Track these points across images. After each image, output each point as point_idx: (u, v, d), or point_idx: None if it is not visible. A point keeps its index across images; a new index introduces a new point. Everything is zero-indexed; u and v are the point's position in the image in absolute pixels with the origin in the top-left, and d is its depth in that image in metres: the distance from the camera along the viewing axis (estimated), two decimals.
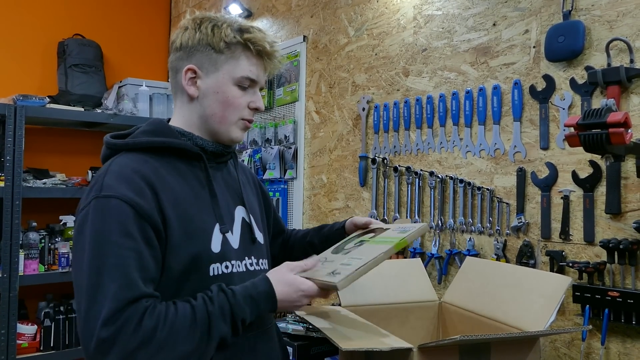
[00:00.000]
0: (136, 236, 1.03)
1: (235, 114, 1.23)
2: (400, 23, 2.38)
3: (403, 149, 2.34)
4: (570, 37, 1.73)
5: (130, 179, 1.08)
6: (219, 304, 1.06)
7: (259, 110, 1.28)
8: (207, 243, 1.16)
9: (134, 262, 1.01)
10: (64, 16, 3.66)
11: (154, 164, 1.15)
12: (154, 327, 0.98)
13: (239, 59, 1.21)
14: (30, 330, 2.97)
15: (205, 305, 1.05)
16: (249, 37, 1.21)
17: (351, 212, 2.58)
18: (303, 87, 2.93)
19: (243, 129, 1.27)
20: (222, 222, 1.20)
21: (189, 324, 1.02)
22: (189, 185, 1.18)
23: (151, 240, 1.06)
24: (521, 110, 1.91)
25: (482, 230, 2.01)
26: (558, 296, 1.41)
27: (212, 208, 1.20)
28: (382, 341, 1.25)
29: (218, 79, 1.21)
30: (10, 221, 2.83)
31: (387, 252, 1.20)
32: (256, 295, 1.11)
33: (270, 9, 3.21)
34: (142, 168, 1.12)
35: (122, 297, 0.98)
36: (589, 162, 1.70)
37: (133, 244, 1.02)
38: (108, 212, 1.04)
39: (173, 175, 1.17)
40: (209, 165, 1.24)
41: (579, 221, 1.73)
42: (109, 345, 0.95)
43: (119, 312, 0.97)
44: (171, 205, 1.11)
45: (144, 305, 1.00)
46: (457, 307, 1.73)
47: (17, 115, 2.89)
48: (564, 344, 1.75)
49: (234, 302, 1.08)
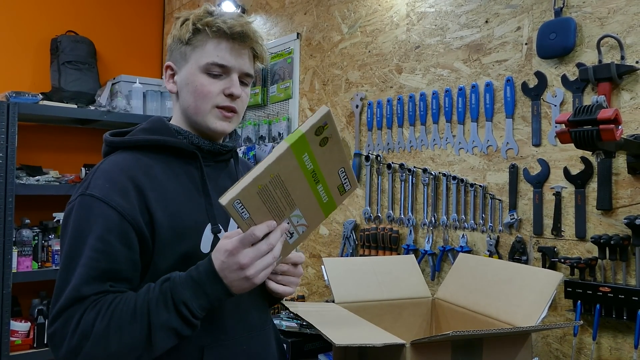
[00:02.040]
0: (112, 239, 1.04)
1: (207, 103, 1.18)
2: (393, 20, 2.38)
3: (396, 146, 2.34)
4: (561, 34, 1.74)
5: (116, 179, 1.09)
6: (160, 291, 1.01)
7: (234, 96, 1.19)
8: (197, 243, 1.14)
9: (100, 265, 1.02)
10: (57, 13, 3.64)
11: (148, 162, 1.15)
12: (94, 319, 0.99)
13: (205, 46, 1.18)
14: (23, 327, 2.96)
15: (147, 293, 1.01)
16: (206, 21, 1.18)
17: (345, 208, 2.59)
18: (297, 85, 2.93)
19: (221, 118, 1.20)
20: (214, 222, 1.17)
21: (130, 312, 0.99)
22: (182, 184, 1.17)
23: (130, 242, 1.06)
24: (513, 107, 1.92)
25: (475, 226, 2.02)
26: (550, 292, 1.43)
27: (205, 207, 1.18)
28: (376, 337, 1.26)
29: (188, 70, 1.20)
30: (3, 218, 2.82)
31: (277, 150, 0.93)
32: (196, 276, 1.00)
33: (264, 6, 3.21)
34: (131, 167, 1.12)
35: (71, 295, 1.00)
36: (581, 159, 1.71)
37: (105, 247, 1.03)
38: (89, 211, 1.06)
39: (167, 174, 1.16)
40: (206, 164, 1.22)
41: (570, 217, 1.74)
42: (57, 341, 0.99)
43: (64, 309, 1.00)
44: (160, 205, 1.10)
45: (90, 300, 1.01)
46: (450, 303, 1.74)
47: (10, 112, 2.88)
48: (555, 339, 1.77)
49: (172, 286, 1.00)
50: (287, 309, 1.52)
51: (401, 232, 2.30)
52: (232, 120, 1.22)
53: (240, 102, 1.22)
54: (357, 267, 1.84)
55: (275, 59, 3.06)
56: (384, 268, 1.86)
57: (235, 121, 1.24)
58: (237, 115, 1.23)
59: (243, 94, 1.23)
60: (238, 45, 1.19)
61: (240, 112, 1.24)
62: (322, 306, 1.63)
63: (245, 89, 1.24)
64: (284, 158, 0.93)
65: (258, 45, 1.23)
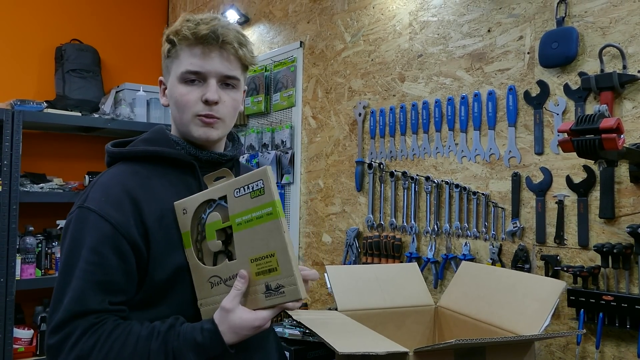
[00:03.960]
0: (105, 251, 1.06)
1: (188, 112, 1.17)
2: (396, 29, 2.40)
3: (399, 154, 2.35)
4: (563, 44, 1.75)
5: (112, 192, 1.11)
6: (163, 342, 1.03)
7: (210, 102, 1.16)
8: None
9: (94, 277, 1.04)
10: (61, 21, 3.67)
11: (146, 174, 1.17)
12: (92, 347, 1.01)
13: (180, 56, 1.19)
14: (26, 334, 2.97)
15: (149, 340, 1.03)
16: (176, 31, 1.18)
17: (347, 216, 2.59)
18: (300, 93, 2.94)
19: (202, 125, 1.17)
20: None
21: (129, 353, 1.02)
22: (179, 195, 1.17)
23: (124, 254, 1.07)
24: (516, 115, 1.92)
25: (478, 234, 2.03)
26: (553, 300, 1.43)
27: None
28: (379, 345, 1.27)
29: (170, 82, 1.21)
30: (7, 225, 2.83)
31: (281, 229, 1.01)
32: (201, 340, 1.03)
33: (267, 15, 3.23)
34: (128, 180, 1.14)
35: (70, 309, 1.02)
36: (583, 167, 1.71)
37: (99, 259, 1.05)
38: (85, 224, 1.08)
39: (164, 186, 1.17)
40: (204, 174, 1.22)
41: (573, 226, 1.74)
42: (53, 352, 1.02)
43: (64, 323, 1.02)
44: (155, 217, 1.11)
45: (90, 321, 1.02)
46: (453, 312, 1.74)
47: (14, 120, 2.90)
48: (559, 347, 1.76)
49: (175, 344, 1.02)
50: (290, 317, 1.52)
51: (404, 240, 2.30)
52: (216, 126, 1.19)
53: (222, 107, 1.19)
54: (360, 274, 1.84)
55: (278, 67, 3.07)
56: (386, 276, 1.86)
57: (220, 127, 1.20)
58: (220, 121, 1.19)
59: (226, 97, 1.19)
60: (209, 49, 1.16)
61: (225, 117, 1.20)
62: (325, 314, 1.63)
63: (230, 92, 1.20)
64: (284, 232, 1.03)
65: (231, 44, 1.17)
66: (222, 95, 1.18)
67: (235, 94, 1.21)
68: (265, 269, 1.02)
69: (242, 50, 1.19)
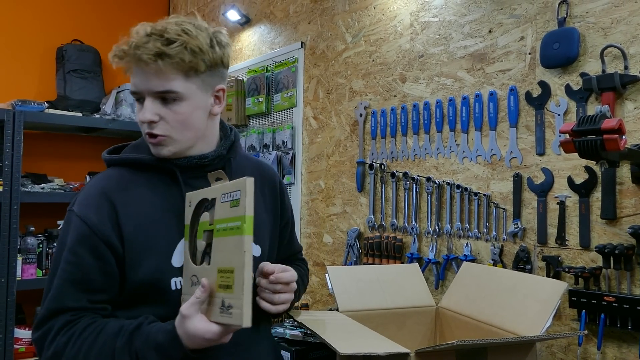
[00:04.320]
0: (82, 252, 1.10)
1: (142, 131, 1.17)
2: (397, 30, 2.40)
3: (400, 154, 2.35)
4: (565, 44, 1.75)
5: (93, 195, 1.15)
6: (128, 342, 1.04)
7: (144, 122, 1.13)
8: (168, 257, 1.15)
9: (72, 276, 1.09)
10: (62, 22, 3.67)
11: (132, 179, 1.18)
12: (65, 343, 1.06)
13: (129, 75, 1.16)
14: (27, 334, 2.96)
15: (115, 339, 1.05)
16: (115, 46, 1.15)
17: (348, 217, 2.59)
18: (301, 93, 2.94)
19: (151, 144, 1.16)
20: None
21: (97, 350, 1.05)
22: (159, 199, 1.17)
23: (101, 255, 1.10)
24: (517, 116, 1.92)
25: (479, 235, 2.02)
26: (554, 301, 1.43)
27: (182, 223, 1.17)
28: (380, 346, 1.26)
29: None
30: (8, 226, 2.83)
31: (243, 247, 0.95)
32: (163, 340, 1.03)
33: (268, 15, 3.23)
34: (110, 184, 1.17)
35: (50, 306, 1.09)
36: (585, 168, 1.71)
37: (76, 259, 1.10)
38: (69, 226, 1.13)
39: (147, 190, 1.17)
40: (193, 176, 1.21)
41: (574, 226, 1.74)
42: (37, 347, 1.09)
43: (45, 320, 1.08)
44: (132, 221, 1.13)
45: (66, 319, 1.08)
46: (454, 312, 1.74)
47: (15, 120, 2.90)
48: (560, 348, 1.76)
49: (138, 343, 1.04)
50: (291, 317, 1.52)
51: (405, 240, 2.30)
52: (164, 144, 1.14)
53: (163, 125, 1.13)
54: (361, 275, 1.84)
55: (279, 67, 3.07)
56: (388, 277, 1.86)
57: (169, 144, 1.15)
58: (167, 139, 1.14)
59: (167, 113, 1.13)
60: (137, 67, 1.11)
61: (170, 133, 1.14)
62: (326, 314, 1.63)
63: (172, 106, 1.12)
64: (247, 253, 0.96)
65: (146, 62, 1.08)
66: (161, 112, 1.12)
67: (179, 107, 1.13)
68: (225, 283, 0.98)
69: (164, 62, 1.08)
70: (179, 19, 1.14)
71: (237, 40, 3.50)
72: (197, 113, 1.16)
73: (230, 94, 3.28)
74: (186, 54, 1.09)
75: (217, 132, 1.26)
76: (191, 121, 1.15)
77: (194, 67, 1.11)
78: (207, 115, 1.19)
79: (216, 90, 1.19)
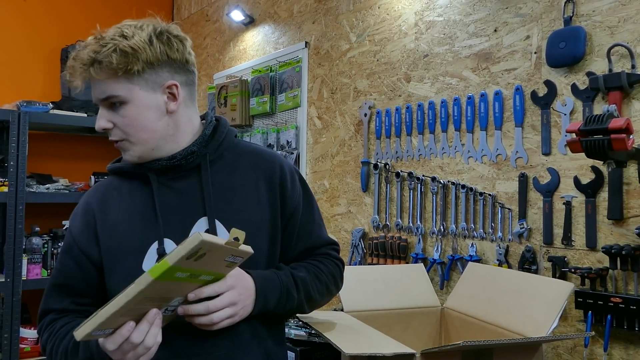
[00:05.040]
0: (67, 261, 1.19)
1: None
2: (401, 29, 2.39)
3: (405, 154, 2.34)
4: (571, 43, 1.73)
5: (80, 205, 1.24)
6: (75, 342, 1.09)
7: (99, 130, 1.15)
8: (139, 262, 1.14)
9: (57, 281, 1.20)
10: (67, 23, 3.68)
11: (115, 186, 1.23)
12: (47, 339, 1.16)
13: None
14: (32, 334, 2.97)
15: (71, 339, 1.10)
16: None
17: (353, 217, 2.59)
18: (305, 93, 2.93)
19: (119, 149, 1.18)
20: (160, 241, 1.14)
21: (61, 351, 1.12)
22: (136, 205, 1.18)
23: (82, 263, 1.18)
24: (523, 115, 1.91)
25: (484, 235, 2.01)
26: (560, 302, 1.42)
27: (155, 226, 1.16)
28: (385, 346, 1.26)
29: None
30: (13, 226, 2.84)
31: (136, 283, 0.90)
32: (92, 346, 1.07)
33: (272, 15, 3.23)
34: (95, 195, 1.23)
35: (41, 307, 1.21)
36: (591, 168, 1.70)
37: (62, 267, 1.20)
38: (65, 235, 1.26)
39: (125, 198, 1.20)
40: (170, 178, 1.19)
41: (581, 227, 1.73)
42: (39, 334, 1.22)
43: (39, 318, 1.21)
44: (108, 229, 1.18)
45: (51, 317, 1.19)
46: (460, 313, 1.73)
47: (20, 121, 2.91)
48: (566, 350, 1.75)
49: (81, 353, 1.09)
50: (296, 317, 1.52)
51: (410, 240, 2.29)
52: (124, 148, 1.15)
53: (117, 130, 1.13)
54: (366, 275, 1.83)
55: (283, 67, 3.07)
56: (392, 277, 1.86)
57: (130, 147, 1.15)
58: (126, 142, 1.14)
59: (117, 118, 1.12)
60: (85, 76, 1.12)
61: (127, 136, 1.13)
62: (331, 315, 1.63)
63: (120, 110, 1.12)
64: (147, 288, 0.90)
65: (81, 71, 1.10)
66: (112, 118, 1.13)
67: (125, 111, 1.12)
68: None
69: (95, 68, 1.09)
70: (127, 22, 1.15)
71: (242, 40, 3.49)
72: (146, 114, 1.13)
73: (234, 94, 3.28)
74: (114, 56, 1.07)
75: (189, 130, 1.20)
76: (142, 123, 1.13)
77: (126, 68, 1.09)
78: (164, 114, 1.15)
79: (167, 87, 1.14)
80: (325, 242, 1.36)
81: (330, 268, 1.31)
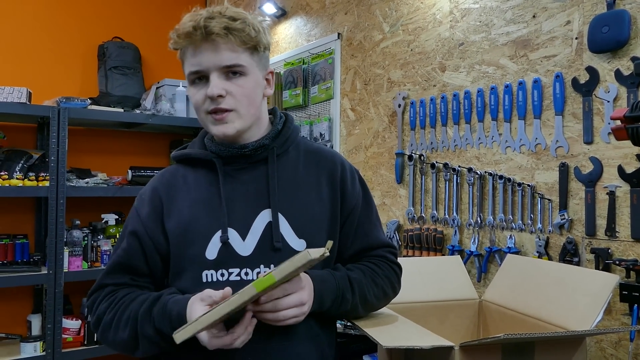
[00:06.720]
0: (133, 243, 1.22)
1: (201, 112, 1.18)
2: (436, 18, 2.35)
3: (440, 145, 2.31)
4: (614, 27, 1.67)
5: (147, 190, 1.27)
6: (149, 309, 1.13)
7: (213, 97, 1.13)
8: (203, 250, 1.16)
9: (122, 260, 1.22)
10: (103, 20, 3.74)
11: (182, 174, 1.26)
12: (105, 309, 1.18)
13: (185, 59, 1.18)
14: (74, 325, 3.05)
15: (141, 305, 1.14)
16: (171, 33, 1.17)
17: (387, 209, 2.57)
18: (338, 85, 2.92)
19: (215, 122, 1.16)
20: (224, 230, 1.17)
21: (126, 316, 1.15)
22: (202, 192, 1.21)
23: (147, 246, 1.21)
24: (563, 103, 1.86)
25: (523, 227, 1.97)
26: (605, 295, 1.37)
27: (219, 215, 1.18)
28: (423, 339, 1.24)
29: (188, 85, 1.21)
30: (55, 219, 2.91)
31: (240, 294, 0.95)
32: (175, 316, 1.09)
33: (304, 7, 3.22)
34: (162, 181, 1.27)
35: (99, 281, 1.24)
36: (636, 156, 1.64)
37: (127, 247, 1.22)
38: (130, 215, 1.27)
39: (194, 184, 1.23)
40: (236, 168, 1.22)
41: (625, 217, 1.67)
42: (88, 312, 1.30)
43: (94, 290, 1.24)
44: (174, 216, 1.20)
45: (109, 289, 1.22)
46: (498, 306, 1.70)
47: (60, 116, 2.98)
48: (610, 344, 1.70)
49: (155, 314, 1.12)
50: None
51: (446, 232, 2.26)
52: (229, 120, 1.15)
53: (230, 99, 1.14)
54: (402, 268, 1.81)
55: (316, 59, 3.06)
56: (429, 269, 1.83)
57: (234, 119, 1.16)
58: (233, 113, 1.15)
59: (233, 87, 1.14)
60: (200, 44, 1.13)
61: (237, 107, 1.15)
62: None
63: (238, 80, 1.15)
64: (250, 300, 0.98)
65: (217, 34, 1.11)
66: (227, 87, 1.14)
67: (244, 81, 1.15)
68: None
69: (233, 35, 1.12)
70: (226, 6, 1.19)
71: (274, 33, 3.50)
72: (257, 90, 1.19)
73: None
74: (251, 30, 1.14)
75: (265, 120, 1.27)
76: (254, 97, 1.18)
77: (257, 44, 1.16)
78: (262, 97, 1.22)
79: (268, 73, 1.23)
80: (382, 244, 1.33)
81: (386, 272, 1.31)
